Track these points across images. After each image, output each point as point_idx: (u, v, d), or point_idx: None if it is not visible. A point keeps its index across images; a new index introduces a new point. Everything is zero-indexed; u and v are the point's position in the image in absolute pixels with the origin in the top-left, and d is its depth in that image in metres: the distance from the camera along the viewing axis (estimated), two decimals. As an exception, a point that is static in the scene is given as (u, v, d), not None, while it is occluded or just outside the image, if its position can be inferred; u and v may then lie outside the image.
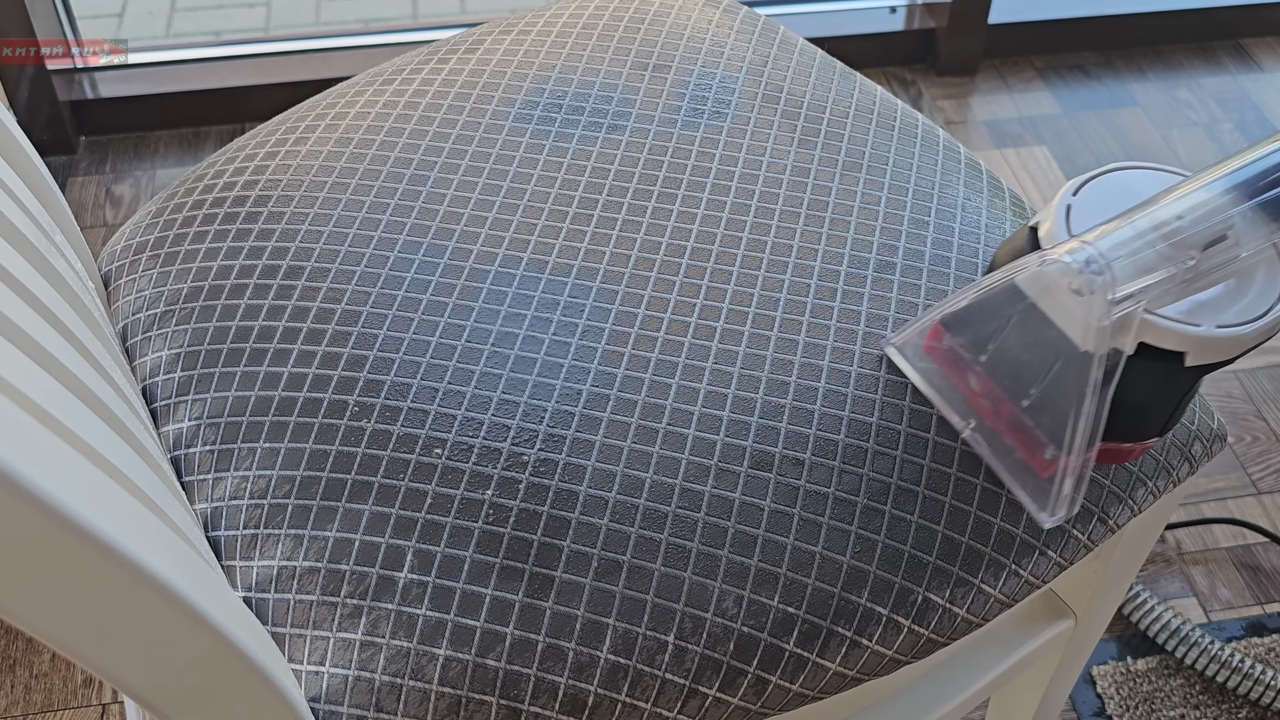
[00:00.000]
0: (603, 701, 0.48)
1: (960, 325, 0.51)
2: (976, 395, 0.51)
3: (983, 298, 0.49)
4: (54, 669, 1.00)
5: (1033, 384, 0.48)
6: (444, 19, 1.86)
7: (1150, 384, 0.49)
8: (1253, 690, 1.00)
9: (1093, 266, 0.46)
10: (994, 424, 0.51)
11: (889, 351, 0.55)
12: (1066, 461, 0.48)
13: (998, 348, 0.50)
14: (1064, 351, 0.46)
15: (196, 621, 0.35)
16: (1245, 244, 0.48)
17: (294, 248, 0.59)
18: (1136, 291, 0.46)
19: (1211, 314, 0.47)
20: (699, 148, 0.64)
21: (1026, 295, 0.47)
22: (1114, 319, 0.45)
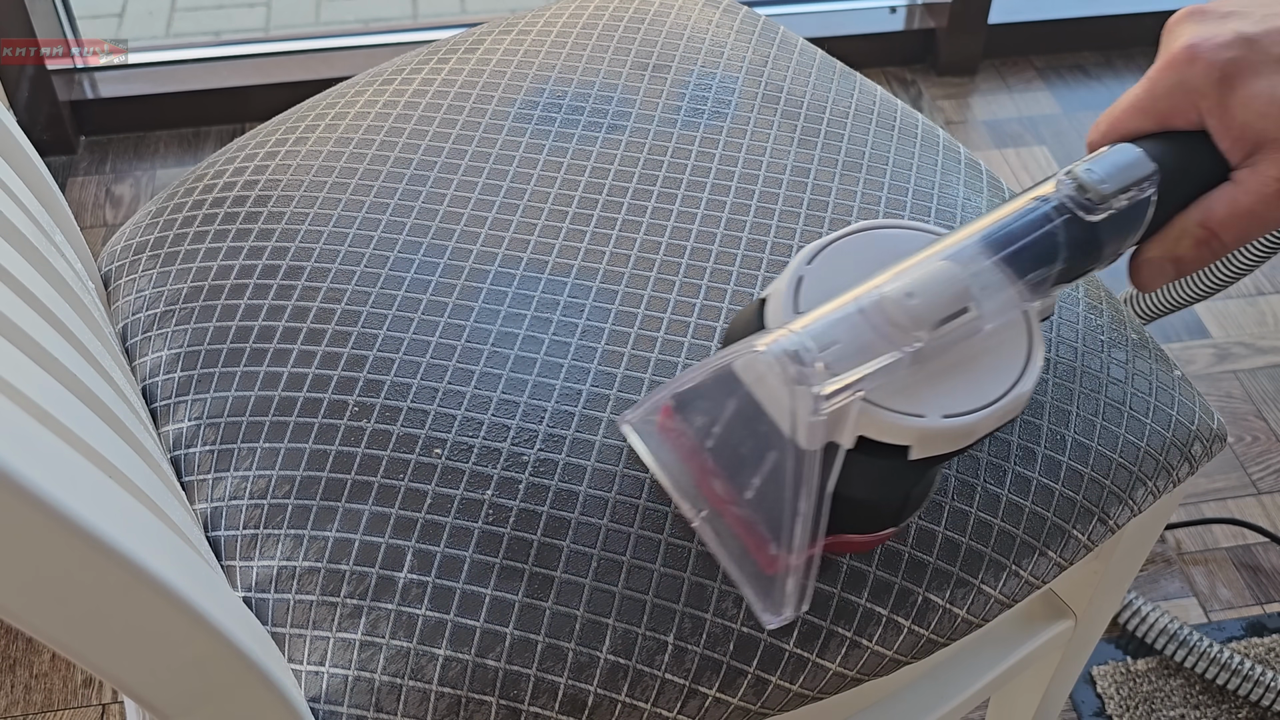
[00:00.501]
0: (603, 701, 0.48)
1: (689, 406, 0.46)
2: (707, 482, 0.46)
3: (705, 379, 0.44)
4: (54, 669, 1.00)
5: (753, 476, 0.43)
6: (444, 19, 1.86)
7: (874, 479, 0.44)
8: (1252, 691, 1.00)
9: (801, 357, 0.40)
10: (724, 514, 0.46)
11: (624, 429, 0.50)
12: (787, 560, 0.43)
13: (721, 434, 0.45)
14: (779, 445, 0.41)
15: (196, 621, 0.35)
16: (989, 316, 0.43)
17: (294, 248, 0.59)
18: (852, 383, 0.41)
19: (942, 400, 0.42)
20: (699, 147, 0.64)
21: (742, 381, 0.42)
22: (826, 413, 0.40)
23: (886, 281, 0.42)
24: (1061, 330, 0.58)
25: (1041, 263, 0.44)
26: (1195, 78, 0.47)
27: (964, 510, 0.52)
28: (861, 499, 0.45)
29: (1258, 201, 0.47)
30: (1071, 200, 0.45)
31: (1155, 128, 0.49)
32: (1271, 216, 0.47)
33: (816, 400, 0.40)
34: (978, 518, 0.52)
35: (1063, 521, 0.54)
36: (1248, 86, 0.46)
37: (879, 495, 0.46)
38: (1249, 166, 0.47)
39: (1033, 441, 0.54)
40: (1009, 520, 0.53)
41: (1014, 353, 0.44)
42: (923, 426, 0.41)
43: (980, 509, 0.52)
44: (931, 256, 0.43)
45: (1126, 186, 0.46)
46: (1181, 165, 0.48)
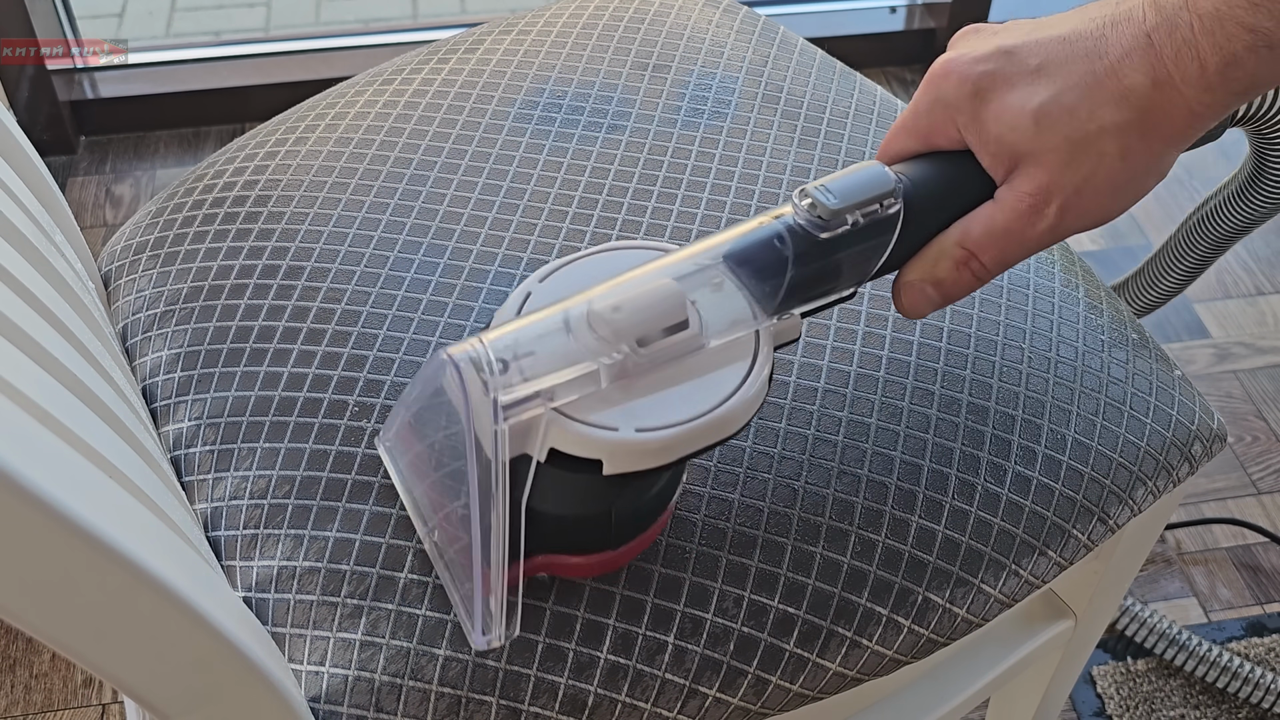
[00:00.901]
0: (603, 701, 0.48)
1: (418, 424, 0.45)
2: (434, 500, 0.45)
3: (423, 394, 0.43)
4: (54, 669, 1.00)
5: (460, 493, 0.41)
6: (444, 19, 1.86)
7: (569, 495, 0.43)
8: (1252, 694, 1.00)
9: (481, 365, 0.39)
10: (444, 532, 0.45)
11: (379, 449, 0.49)
12: (486, 577, 0.41)
13: (439, 451, 0.44)
14: (474, 457, 0.39)
15: (196, 621, 0.35)
16: (712, 333, 0.42)
17: (294, 247, 0.59)
18: (539, 392, 0.39)
19: (642, 415, 0.40)
20: (699, 147, 0.64)
21: (447, 395, 0.40)
22: (509, 423, 0.39)
23: (598, 296, 0.41)
24: (1062, 330, 0.58)
25: (770, 279, 0.43)
26: (949, 92, 0.45)
27: (964, 510, 0.52)
28: (561, 515, 0.43)
29: (1013, 218, 0.45)
30: (803, 218, 0.44)
31: (921, 147, 0.48)
32: (1028, 235, 0.45)
33: (496, 408, 0.39)
34: (978, 517, 0.52)
35: (1063, 521, 0.54)
36: (1000, 99, 0.44)
37: (577, 511, 0.44)
38: (1007, 183, 0.46)
39: (1033, 441, 0.54)
40: (1009, 520, 0.53)
41: (735, 372, 0.42)
42: (613, 440, 0.40)
43: (980, 508, 0.52)
44: (652, 272, 0.42)
45: (861, 202, 0.44)
46: (943, 184, 0.46)
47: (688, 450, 0.41)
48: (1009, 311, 0.58)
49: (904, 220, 0.45)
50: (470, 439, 0.39)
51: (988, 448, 0.54)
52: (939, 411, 0.54)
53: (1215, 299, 1.36)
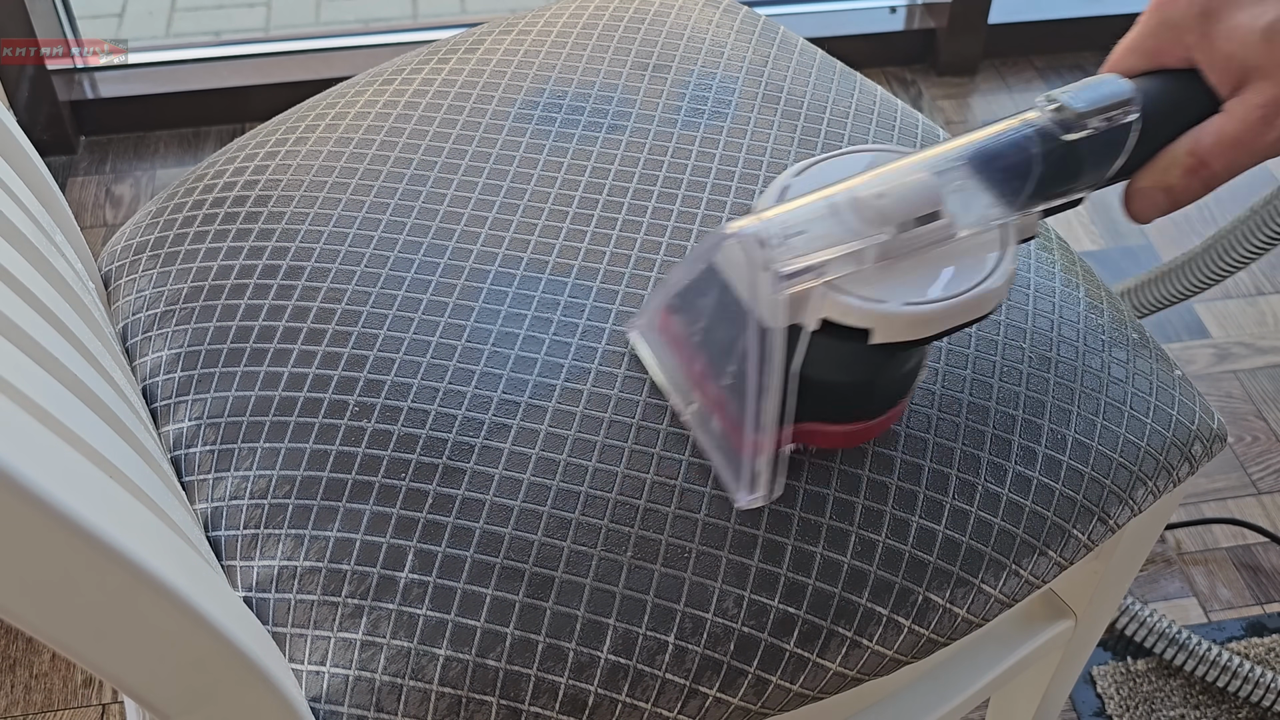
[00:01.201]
0: (603, 701, 0.48)
1: (682, 305, 0.50)
2: (694, 375, 0.50)
3: (690, 275, 0.47)
4: (54, 669, 1.00)
5: (729, 362, 0.47)
6: (444, 19, 1.86)
7: (838, 362, 0.47)
8: (1253, 692, 1.00)
9: (763, 239, 0.43)
10: (706, 403, 0.50)
11: (630, 337, 0.53)
12: (755, 439, 0.46)
13: (706, 326, 0.49)
14: (750, 328, 0.44)
15: (196, 621, 0.35)
16: (961, 224, 0.45)
17: (294, 248, 0.59)
18: (813, 266, 0.43)
19: (906, 291, 0.44)
20: (699, 148, 0.64)
21: (720, 272, 0.45)
22: (788, 294, 0.43)
23: (862, 184, 0.45)
24: (1062, 329, 0.58)
25: (1017, 177, 0.46)
26: (1177, 14, 0.49)
27: (964, 509, 0.52)
28: (827, 381, 0.47)
29: (1243, 128, 0.48)
30: (1049, 120, 0.47)
31: (1147, 66, 0.51)
32: (1258, 144, 0.48)
33: (777, 279, 0.42)
34: (978, 517, 0.52)
35: (1063, 521, 0.54)
36: (1230, 18, 0.48)
37: (843, 378, 0.48)
38: (1237, 97, 0.48)
39: (1033, 441, 0.54)
40: (1009, 520, 0.53)
41: (985, 260, 0.46)
42: (883, 311, 0.43)
43: (980, 508, 0.53)
44: (908, 166, 0.46)
45: (1103, 108, 0.47)
46: (1172, 100, 0.49)
47: (948, 325, 0.45)
48: (1009, 311, 0.58)
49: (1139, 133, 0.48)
50: (750, 309, 0.44)
51: (988, 447, 0.54)
52: (939, 411, 0.54)
53: (1215, 299, 1.36)
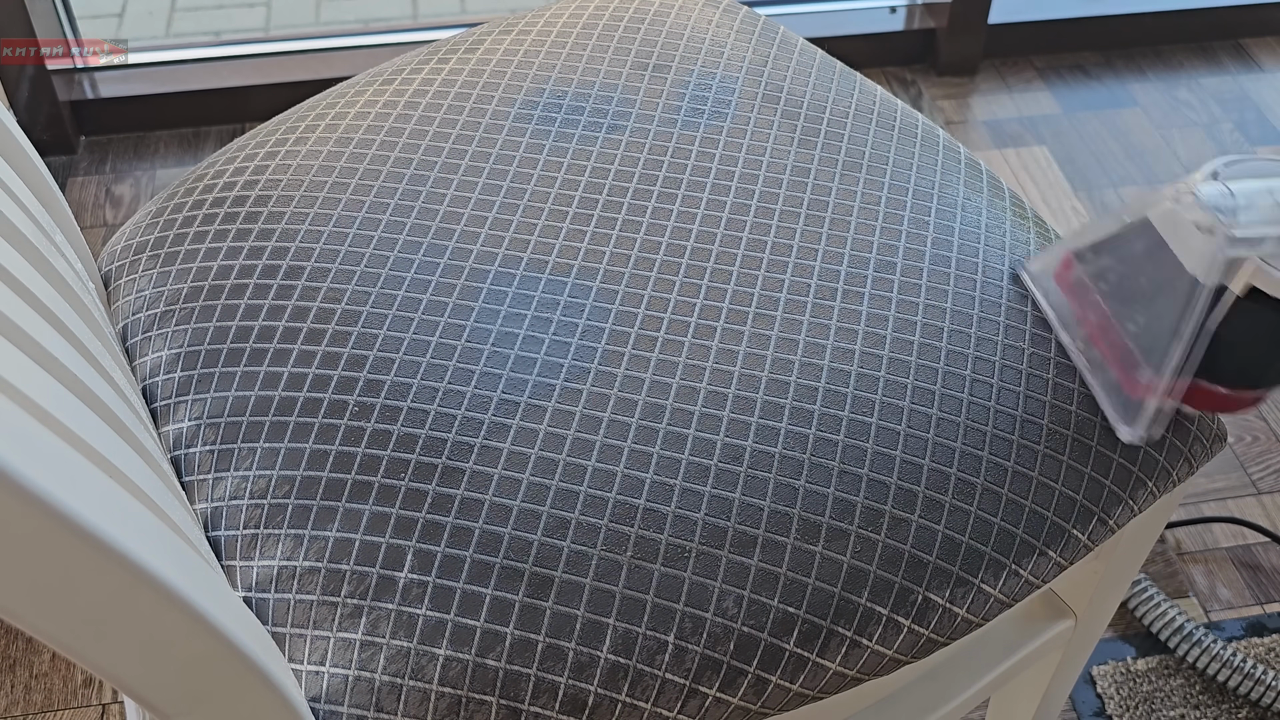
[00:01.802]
0: (603, 701, 0.48)
1: (1090, 256, 0.56)
2: (1088, 319, 0.56)
3: (1117, 231, 0.53)
4: (54, 669, 1.00)
5: (1141, 310, 0.52)
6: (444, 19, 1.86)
7: (1252, 327, 0.51)
8: (1253, 690, 1.00)
9: (1220, 205, 0.49)
10: (1099, 346, 0.55)
11: (1021, 273, 0.59)
12: (1156, 383, 0.52)
13: (1119, 277, 0.54)
14: (1177, 281, 0.50)
15: (196, 621, 0.35)
16: None
17: (294, 248, 0.59)
18: (1258, 238, 0.49)
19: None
20: (699, 148, 0.64)
21: (1155, 229, 0.51)
22: (1228, 256, 0.49)
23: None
24: (1061, 330, 0.58)
25: None
26: None
27: (964, 509, 0.52)
28: (1237, 342, 0.52)
29: None
30: None
31: None
32: None
33: (1227, 242, 0.49)
34: (977, 516, 0.52)
35: (1062, 521, 0.54)
36: None
37: (1254, 345, 0.52)
38: None
39: (1033, 440, 0.54)
40: (1009, 519, 0.53)
41: None
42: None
43: (980, 508, 0.53)
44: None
45: None
46: None
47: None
48: (1009, 312, 0.58)
49: None
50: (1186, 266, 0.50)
51: (988, 447, 0.54)
52: (939, 410, 0.54)
53: (1215, 299, 1.36)
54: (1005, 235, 0.62)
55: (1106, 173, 1.49)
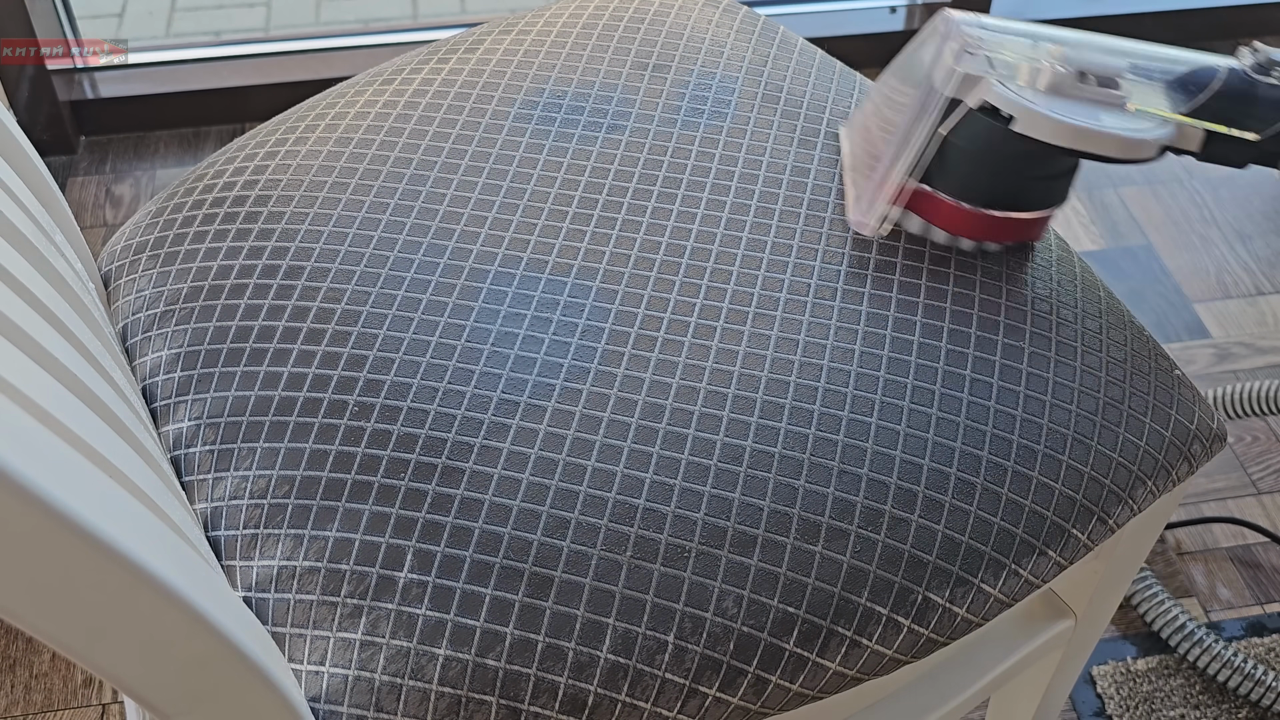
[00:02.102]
0: (603, 701, 0.48)
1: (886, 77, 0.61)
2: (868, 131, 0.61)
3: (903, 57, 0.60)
4: (54, 669, 1.00)
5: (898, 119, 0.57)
6: (444, 19, 1.86)
7: (980, 138, 0.55)
8: (1253, 691, 1.00)
9: (965, 23, 0.55)
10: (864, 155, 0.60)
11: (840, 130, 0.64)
12: (887, 176, 0.57)
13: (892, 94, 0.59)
14: (926, 95, 0.55)
15: (196, 621, 0.35)
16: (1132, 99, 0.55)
17: (294, 247, 0.59)
18: (991, 59, 0.55)
19: (1058, 109, 0.53)
20: (699, 147, 0.64)
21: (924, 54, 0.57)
22: (965, 71, 0.54)
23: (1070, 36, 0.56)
24: (1061, 329, 0.58)
25: (1194, 87, 0.55)
26: None
27: (963, 509, 0.52)
28: (965, 150, 0.56)
29: None
30: (1246, 60, 0.55)
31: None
32: None
33: (959, 54, 0.55)
34: (977, 516, 0.52)
35: (1062, 521, 0.54)
36: None
37: (978, 152, 0.56)
38: None
39: (1033, 440, 0.54)
40: (1009, 519, 0.53)
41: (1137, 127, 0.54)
42: (1029, 108, 0.53)
43: (980, 508, 0.53)
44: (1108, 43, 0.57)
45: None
46: None
47: (1076, 144, 0.53)
48: (1009, 312, 0.58)
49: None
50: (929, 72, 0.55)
51: (988, 446, 0.54)
52: (939, 410, 0.54)
53: (1215, 299, 1.36)
54: (1005, 235, 0.62)
55: (1106, 173, 1.49)
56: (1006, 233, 0.59)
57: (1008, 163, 0.56)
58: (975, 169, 0.57)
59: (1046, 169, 0.57)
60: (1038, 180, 0.58)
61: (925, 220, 0.59)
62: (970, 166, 0.56)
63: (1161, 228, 1.42)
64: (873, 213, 0.58)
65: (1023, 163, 0.56)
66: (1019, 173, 0.57)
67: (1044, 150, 0.54)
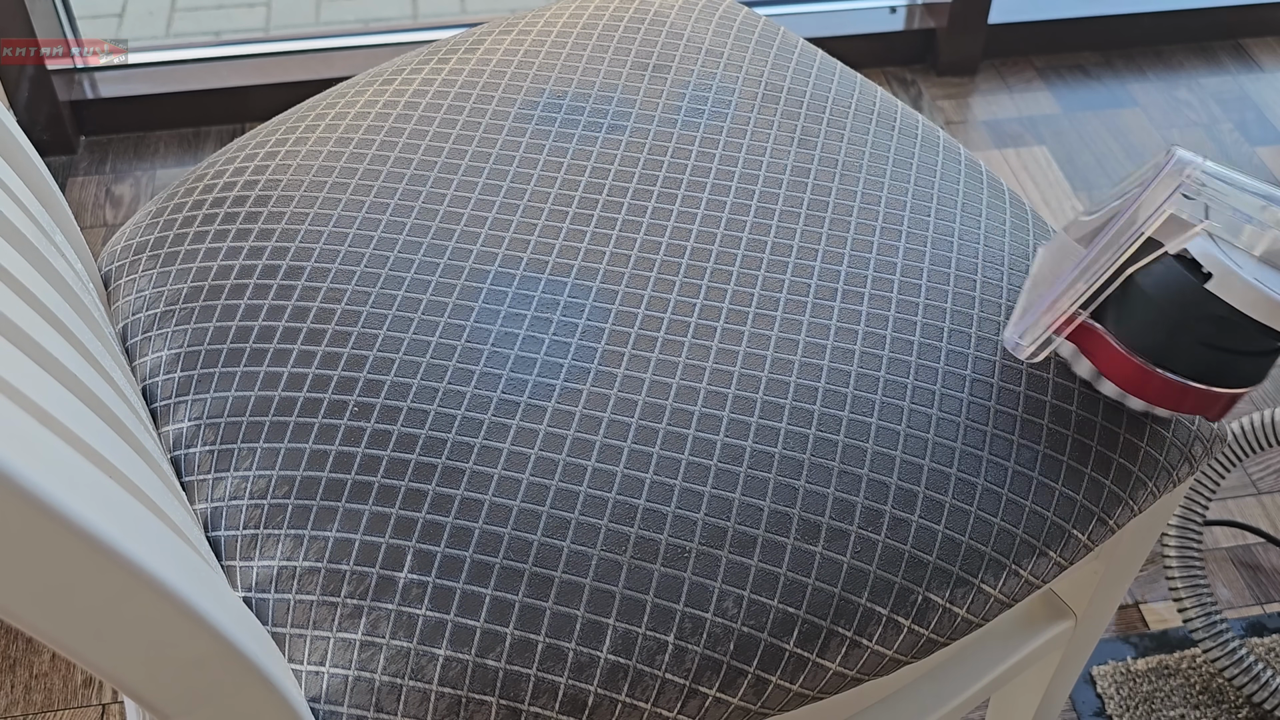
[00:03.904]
0: (603, 701, 0.48)
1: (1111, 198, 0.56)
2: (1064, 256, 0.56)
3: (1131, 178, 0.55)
4: (54, 669, 1.00)
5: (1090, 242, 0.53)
6: (444, 19, 1.86)
7: (1168, 287, 0.51)
8: (1257, 693, 1.00)
9: (1190, 164, 0.50)
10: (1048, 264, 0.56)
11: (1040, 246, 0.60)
12: (1055, 303, 0.52)
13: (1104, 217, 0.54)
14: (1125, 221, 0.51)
15: (196, 621, 0.35)
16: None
17: (294, 248, 0.59)
18: (1213, 208, 0.50)
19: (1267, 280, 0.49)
20: (699, 148, 0.64)
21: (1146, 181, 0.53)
22: (1171, 212, 0.50)
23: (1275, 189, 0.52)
24: (1061, 330, 0.58)
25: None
26: None
27: (964, 509, 0.52)
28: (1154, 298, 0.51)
29: None
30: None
31: None
32: None
33: (1176, 194, 0.50)
34: (977, 516, 0.52)
35: (1062, 521, 0.54)
36: None
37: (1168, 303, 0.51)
38: None
39: (1033, 440, 0.54)
40: (1009, 519, 0.53)
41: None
42: (1229, 267, 0.49)
43: (980, 508, 0.53)
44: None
45: None
46: None
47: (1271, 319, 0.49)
48: (1009, 312, 0.58)
49: None
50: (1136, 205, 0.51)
51: (988, 447, 0.54)
52: (939, 411, 0.54)
53: (1215, 299, 1.36)
54: (1005, 235, 0.62)
55: (1106, 173, 1.49)
56: (1178, 401, 0.53)
57: (1192, 323, 0.50)
58: (1156, 319, 0.51)
59: (1239, 343, 0.51)
60: (1227, 353, 0.52)
61: (1092, 364, 0.54)
62: (1151, 315, 0.51)
63: (1161, 228, 1.42)
64: (1031, 334, 0.53)
65: (1210, 328, 0.50)
66: (1205, 339, 0.51)
67: (1237, 320, 0.49)
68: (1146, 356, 0.52)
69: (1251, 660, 1.01)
